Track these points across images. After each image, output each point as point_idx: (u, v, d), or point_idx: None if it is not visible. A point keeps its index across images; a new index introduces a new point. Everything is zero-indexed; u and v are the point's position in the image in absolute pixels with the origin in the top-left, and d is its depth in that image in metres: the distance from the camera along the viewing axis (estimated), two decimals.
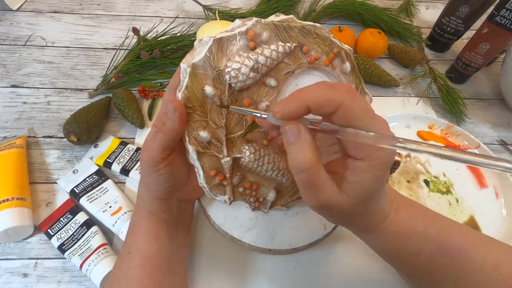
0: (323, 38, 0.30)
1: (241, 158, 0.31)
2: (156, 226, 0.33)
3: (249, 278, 0.39)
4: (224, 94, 0.29)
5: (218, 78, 0.28)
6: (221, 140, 0.30)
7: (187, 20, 0.69)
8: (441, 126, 0.55)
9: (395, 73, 0.65)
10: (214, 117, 0.30)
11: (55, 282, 0.38)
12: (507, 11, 0.52)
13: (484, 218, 0.46)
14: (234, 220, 0.36)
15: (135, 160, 0.47)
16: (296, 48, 0.29)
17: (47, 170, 0.46)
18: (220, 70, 0.28)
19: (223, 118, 0.30)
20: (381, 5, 0.73)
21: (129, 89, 0.53)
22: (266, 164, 0.32)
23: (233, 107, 0.27)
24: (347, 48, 0.31)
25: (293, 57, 0.30)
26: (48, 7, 0.68)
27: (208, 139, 0.30)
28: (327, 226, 0.37)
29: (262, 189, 0.34)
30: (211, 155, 0.31)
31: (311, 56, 0.30)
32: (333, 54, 0.31)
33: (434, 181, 0.49)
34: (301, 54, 0.30)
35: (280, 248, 0.35)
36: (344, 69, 0.32)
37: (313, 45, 0.30)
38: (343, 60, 0.31)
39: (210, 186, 0.32)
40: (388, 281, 0.40)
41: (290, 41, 0.29)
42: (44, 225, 0.40)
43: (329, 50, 0.30)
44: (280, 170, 0.33)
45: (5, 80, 0.55)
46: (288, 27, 0.29)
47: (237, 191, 0.33)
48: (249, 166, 0.32)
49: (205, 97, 0.28)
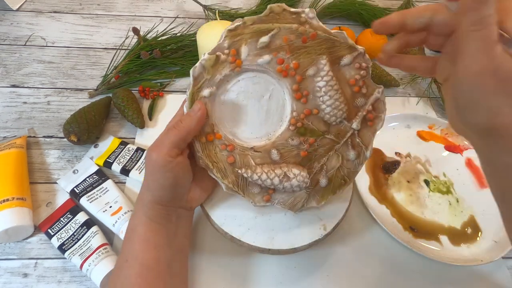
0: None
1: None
2: (154, 234, 0.32)
3: (249, 278, 0.39)
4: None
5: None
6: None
7: (187, 20, 0.69)
8: (441, 126, 0.54)
9: (395, 73, 0.65)
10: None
11: (55, 282, 0.38)
12: None
13: (484, 218, 0.45)
14: (234, 220, 0.36)
15: (135, 160, 0.47)
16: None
17: (47, 170, 0.46)
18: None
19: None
20: (381, 5, 0.73)
21: (129, 89, 0.53)
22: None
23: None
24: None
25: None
26: (48, 7, 0.68)
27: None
28: (327, 226, 0.37)
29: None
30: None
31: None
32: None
33: (434, 181, 0.49)
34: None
35: (280, 248, 0.35)
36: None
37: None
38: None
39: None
40: (388, 281, 0.40)
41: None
42: (44, 225, 0.40)
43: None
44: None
45: (5, 80, 0.55)
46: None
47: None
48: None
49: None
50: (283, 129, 0.34)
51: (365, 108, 0.33)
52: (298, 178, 0.34)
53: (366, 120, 0.34)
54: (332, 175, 0.35)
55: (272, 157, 0.34)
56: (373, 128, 0.34)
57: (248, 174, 0.33)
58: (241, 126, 0.34)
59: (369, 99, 0.34)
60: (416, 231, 0.44)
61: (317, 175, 0.35)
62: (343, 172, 0.35)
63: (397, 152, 0.51)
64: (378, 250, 0.43)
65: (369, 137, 0.34)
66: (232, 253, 0.40)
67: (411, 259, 0.42)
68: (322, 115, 0.33)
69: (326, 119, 0.34)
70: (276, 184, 0.33)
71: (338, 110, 0.33)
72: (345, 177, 0.35)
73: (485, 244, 0.43)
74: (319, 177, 0.35)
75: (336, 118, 0.33)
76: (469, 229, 0.44)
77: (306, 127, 0.34)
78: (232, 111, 0.34)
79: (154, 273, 0.31)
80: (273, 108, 0.34)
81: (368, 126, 0.34)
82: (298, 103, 0.33)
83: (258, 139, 0.35)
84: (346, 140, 0.34)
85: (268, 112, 0.34)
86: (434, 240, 0.43)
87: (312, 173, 0.35)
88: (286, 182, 0.33)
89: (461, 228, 0.45)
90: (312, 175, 0.35)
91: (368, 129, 0.34)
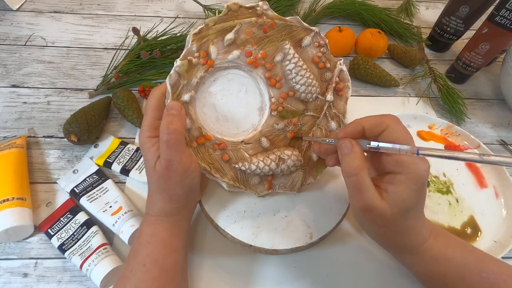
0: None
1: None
2: (176, 238, 0.33)
3: (249, 278, 0.39)
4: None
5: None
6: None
7: (187, 20, 0.69)
8: (441, 126, 0.55)
9: (395, 73, 0.65)
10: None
11: (55, 282, 0.38)
12: (507, 11, 0.52)
13: (484, 218, 0.46)
14: (223, 210, 0.37)
15: (135, 160, 0.47)
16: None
17: (47, 170, 0.46)
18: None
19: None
20: (381, 5, 0.73)
21: (129, 89, 0.53)
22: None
23: (305, 137, 0.36)
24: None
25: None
26: (48, 7, 0.68)
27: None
28: (314, 235, 0.36)
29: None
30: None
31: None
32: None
33: (434, 181, 0.49)
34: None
35: (261, 246, 0.35)
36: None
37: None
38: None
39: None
40: (388, 281, 0.40)
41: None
42: (44, 225, 0.40)
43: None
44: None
45: (5, 80, 0.55)
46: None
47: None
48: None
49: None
50: (266, 116, 0.36)
51: (333, 80, 0.37)
52: (292, 157, 0.36)
53: (336, 91, 0.37)
54: None
55: (262, 145, 0.36)
56: (344, 97, 0.37)
57: (246, 167, 0.34)
58: (226, 124, 0.36)
59: (334, 72, 0.37)
60: None
61: (307, 151, 0.37)
62: None
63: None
64: (378, 250, 0.42)
65: (343, 106, 0.37)
66: (233, 254, 0.40)
67: None
68: (298, 95, 0.36)
69: (302, 98, 0.36)
70: (274, 169, 0.35)
71: (312, 86, 0.36)
72: None
73: (485, 244, 0.43)
74: (310, 153, 0.37)
75: (312, 95, 0.36)
76: (469, 229, 0.44)
77: (287, 109, 0.36)
78: (215, 112, 0.35)
79: (171, 276, 0.32)
80: (252, 100, 0.36)
81: (339, 96, 0.37)
82: (273, 89, 0.36)
83: (246, 132, 0.36)
84: (324, 113, 0.37)
85: (248, 104, 0.36)
86: None
87: (303, 151, 0.37)
88: (282, 165, 0.35)
89: (461, 228, 0.45)
90: (303, 153, 0.37)
91: (340, 99, 0.37)
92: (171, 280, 0.32)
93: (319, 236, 0.36)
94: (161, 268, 0.31)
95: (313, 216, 0.37)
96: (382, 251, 0.42)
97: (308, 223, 0.37)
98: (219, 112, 0.35)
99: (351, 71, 0.61)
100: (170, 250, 0.32)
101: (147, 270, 0.31)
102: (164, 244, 0.32)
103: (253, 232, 0.36)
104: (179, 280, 0.33)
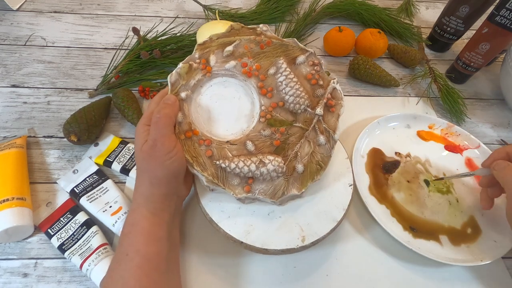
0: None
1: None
2: (157, 228, 0.33)
3: (249, 278, 0.39)
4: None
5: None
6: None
7: (187, 20, 0.69)
8: (441, 126, 0.55)
9: (395, 73, 0.65)
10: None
11: (55, 282, 0.38)
12: (507, 11, 0.52)
13: (484, 218, 0.45)
14: (219, 204, 0.37)
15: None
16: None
17: (47, 170, 0.46)
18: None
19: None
20: (381, 5, 0.73)
21: (129, 89, 0.53)
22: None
23: (446, 177, 0.46)
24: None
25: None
26: (48, 7, 0.68)
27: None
28: (306, 239, 0.36)
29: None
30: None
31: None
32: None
33: (434, 181, 0.49)
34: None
35: (252, 244, 0.35)
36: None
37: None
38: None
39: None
40: (388, 281, 0.40)
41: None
42: (44, 225, 0.40)
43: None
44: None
45: (5, 80, 0.55)
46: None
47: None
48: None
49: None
50: (255, 123, 0.38)
51: (325, 96, 0.38)
52: (273, 162, 0.36)
53: (328, 106, 0.39)
54: (307, 161, 0.38)
55: (247, 148, 0.37)
56: (335, 113, 0.39)
57: (226, 164, 0.35)
58: (216, 125, 0.38)
59: (327, 89, 0.39)
60: (416, 231, 0.44)
61: (292, 162, 0.37)
62: (317, 158, 0.38)
63: (397, 152, 0.51)
64: (378, 250, 0.43)
65: (334, 122, 0.38)
66: (233, 253, 0.40)
67: (411, 259, 0.42)
68: (287, 106, 0.38)
69: (291, 109, 0.38)
70: (253, 170, 0.35)
71: (300, 98, 0.38)
72: (320, 162, 0.38)
73: (485, 244, 0.43)
74: (295, 164, 0.37)
75: (300, 106, 0.38)
76: (469, 229, 0.44)
77: (275, 118, 0.38)
78: (208, 112, 0.38)
79: (153, 265, 0.32)
80: (244, 106, 0.39)
81: (331, 112, 0.39)
82: (264, 98, 0.39)
83: (234, 135, 0.38)
84: (313, 126, 0.38)
85: (240, 110, 0.39)
86: (434, 240, 0.43)
87: (287, 161, 0.37)
88: (262, 168, 0.36)
89: (461, 228, 0.44)
90: (287, 162, 0.37)
91: (332, 115, 0.39)
92: (154, 269, 0.32)
93: (311, 240, 0.36)
94: (143, 257, 0.31)
95: (308, 220, 0.37)
96: (381, 251, 0.42)
97: (302, 226, 0.37)
98: (212, 113, 0.38)
99: (351, 71, 0.61)
100: (151, 239, 0.32)
101: (130, 259, 0.31)
102: (144, 232, 0.33)
103: (246, 229, 0.36)
104: (163, 269, 0.33)
